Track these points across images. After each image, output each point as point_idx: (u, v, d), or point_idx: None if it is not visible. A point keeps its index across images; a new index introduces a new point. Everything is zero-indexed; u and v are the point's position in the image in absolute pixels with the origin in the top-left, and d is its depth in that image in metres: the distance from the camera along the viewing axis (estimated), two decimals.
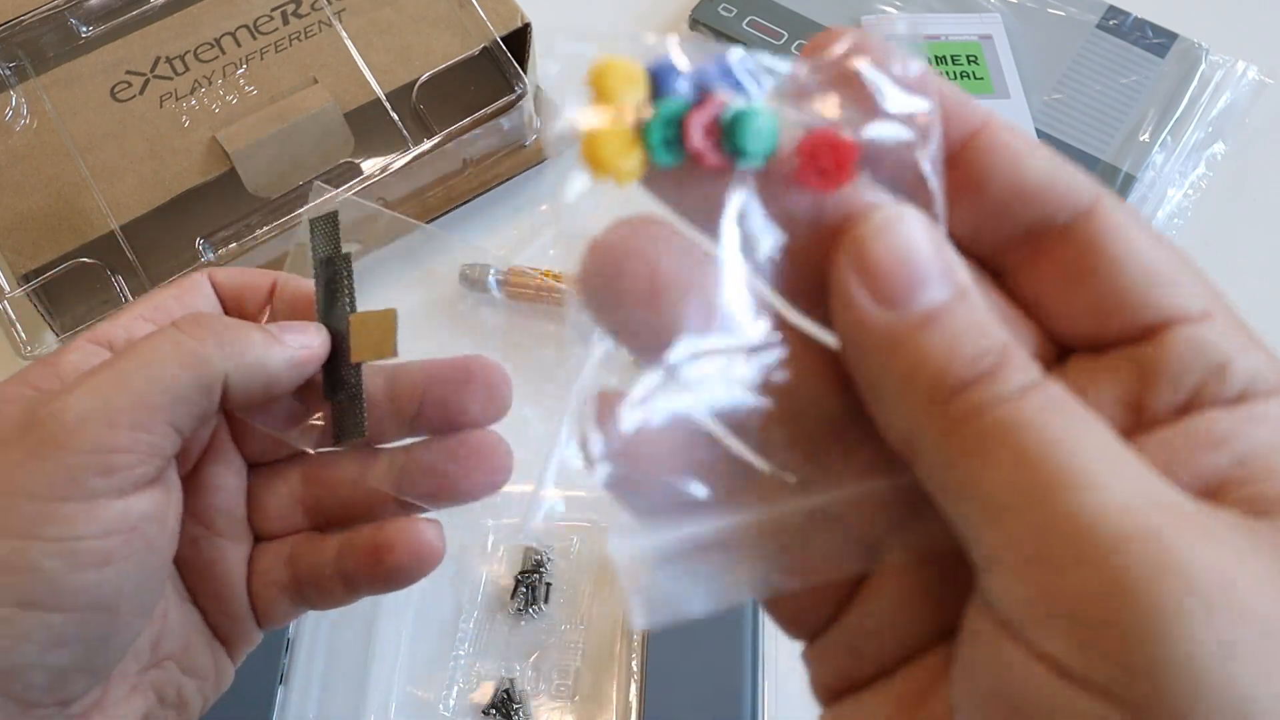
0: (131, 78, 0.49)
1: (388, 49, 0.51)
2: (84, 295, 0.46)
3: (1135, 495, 0.16)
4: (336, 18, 0.51)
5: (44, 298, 0.46)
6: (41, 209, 0.46)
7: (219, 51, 0.50)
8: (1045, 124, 0.54)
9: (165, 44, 0.49)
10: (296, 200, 0.48)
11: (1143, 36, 0.56)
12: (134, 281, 0.46)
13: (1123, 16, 0.57)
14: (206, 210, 0.48)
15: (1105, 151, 0.53)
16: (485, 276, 0.50)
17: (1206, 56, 0.56)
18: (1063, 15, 0.57)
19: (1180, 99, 0.54)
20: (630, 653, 0.42)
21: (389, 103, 0.50)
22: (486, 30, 0.51)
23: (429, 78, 0.50)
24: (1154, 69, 0.55)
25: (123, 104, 0.48)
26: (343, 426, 0.32)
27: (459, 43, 0.51)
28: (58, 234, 0.46)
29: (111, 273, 0.46)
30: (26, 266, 0.46)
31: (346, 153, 0.49)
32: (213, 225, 0.47)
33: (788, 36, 0.56)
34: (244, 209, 0.48)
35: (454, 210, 0.53)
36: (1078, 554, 0.16)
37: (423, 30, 0.51)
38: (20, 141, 0.47)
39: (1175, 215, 0.52)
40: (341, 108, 0.49)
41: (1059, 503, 0.16)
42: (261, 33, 0.50)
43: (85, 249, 0.46)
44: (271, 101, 0.49)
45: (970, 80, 0.55)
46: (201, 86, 0.49)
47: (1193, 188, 0.53)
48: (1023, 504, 0.16)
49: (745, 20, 0.57)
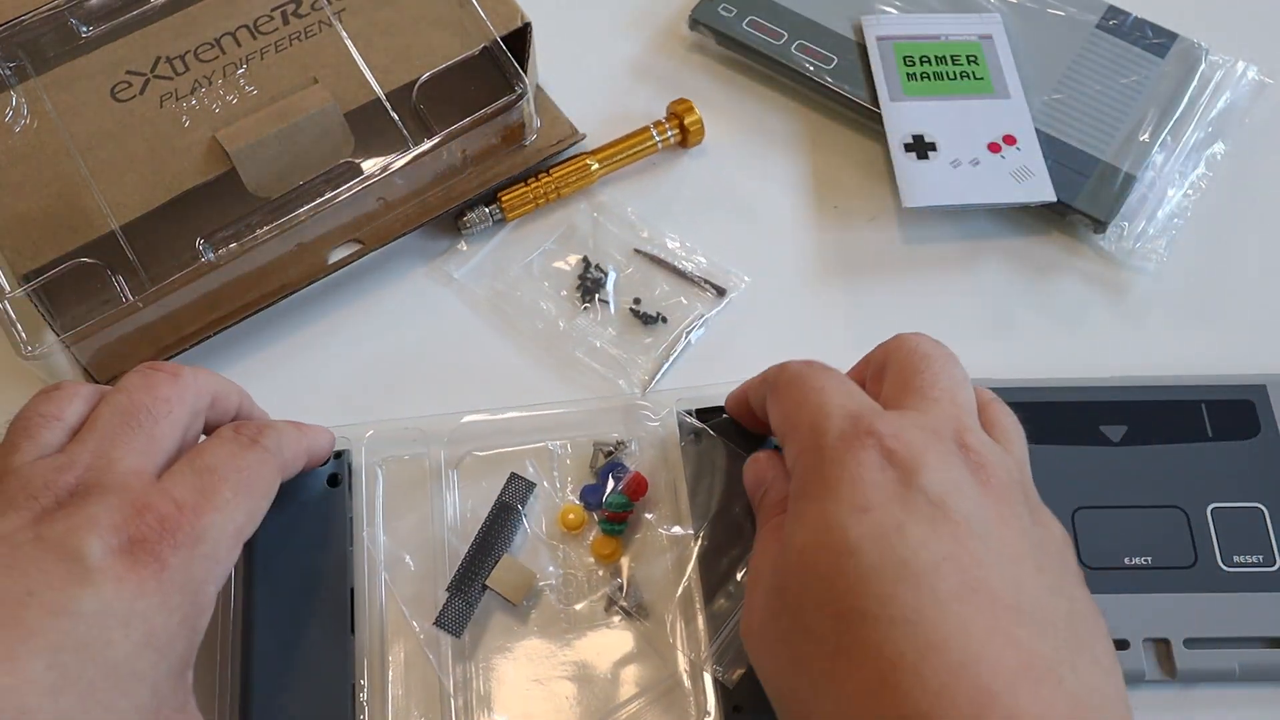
0: (132, 78, 0.49)
1: (388, 49, 0.51)
2: (84, 295, 0.46)
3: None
4: (336, 18, 0.51)
5: (44, 298, 0.46)
6: (41, 209, 0.46)
7: (219, 51, 0.50)
8: (1045, 124, 0.54)
9: (165, 44, 0.49)
10: (296, 200, 0.48)
11: (1143, 36, 0.56)
12: (134, 281, 0.46)
13: (1123, 16, 0.57)
14: (207, 210, 0.48)
15: (1105, 151, 0.53)
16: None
17: (1206, 56, 0.56)
18: (1063, 15, 0.57)
19: (1180, 99, 0.54)
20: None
21: (389, 103, 0.50)
22: (486, 30, 0.51)
23: (429, 78, 0.51)
24: (1154, 69, 0.55)
25: (123, 104, 0.48)
26: (447, 620, 0.41)
27: (459, 43, 0.51)
28: (58, 234, 0.46)
29: (111, 273, 0.46)
30: (26, 266, 0.46)
31: (346, 153, 0.49)
32: (213, 225, 0.47)
33: (788, 36, 0.56)
34: (244, 209, 0.48)
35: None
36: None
37: (423, 30, 0.51)
38: (20, 141, 0.47)
39: (1175, 215, 0.52)
40: (341, 108, 0.49)
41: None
42: (261, 33, 0.50)
43: (85, 249, 0.46)
44: (271, 101, 0.49)
45: (970, 80, 0.55)
46: (202, 86, 0.49)
47: (1193, 188, 0.53)
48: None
49: (745, 20, 0.57)
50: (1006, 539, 0.31)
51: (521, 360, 0.50)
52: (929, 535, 0.31)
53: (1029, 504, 0.34)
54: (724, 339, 0.50)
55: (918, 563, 0.30)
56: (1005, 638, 0.29)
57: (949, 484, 0.32)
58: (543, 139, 0.54)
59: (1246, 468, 0.44)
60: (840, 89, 0.55)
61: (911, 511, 0.31)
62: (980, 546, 0.31)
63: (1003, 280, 0.52)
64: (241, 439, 0.37)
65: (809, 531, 0.32)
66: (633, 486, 0.44)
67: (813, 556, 0.32)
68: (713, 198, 0.55)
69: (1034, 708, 0.28)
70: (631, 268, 0.52)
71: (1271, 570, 0.42)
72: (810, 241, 0.53)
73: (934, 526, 0.31)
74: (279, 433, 0.38)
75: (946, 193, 0.51)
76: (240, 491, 0.35)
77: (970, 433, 0.34)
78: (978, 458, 0.33)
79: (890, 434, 0.33)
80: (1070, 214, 0.52)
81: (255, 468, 0.36)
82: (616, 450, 0.45)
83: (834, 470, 0.33)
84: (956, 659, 0.28)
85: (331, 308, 0.51)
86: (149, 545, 0.31)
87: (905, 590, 0.30)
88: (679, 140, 0.55)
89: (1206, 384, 0.47)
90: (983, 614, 0.29)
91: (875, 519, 0.31)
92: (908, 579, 0.30)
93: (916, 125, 0.53)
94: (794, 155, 0.56)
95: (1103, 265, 0.52)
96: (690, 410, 0.45)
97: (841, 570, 0.31)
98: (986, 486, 0.32)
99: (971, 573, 0.30)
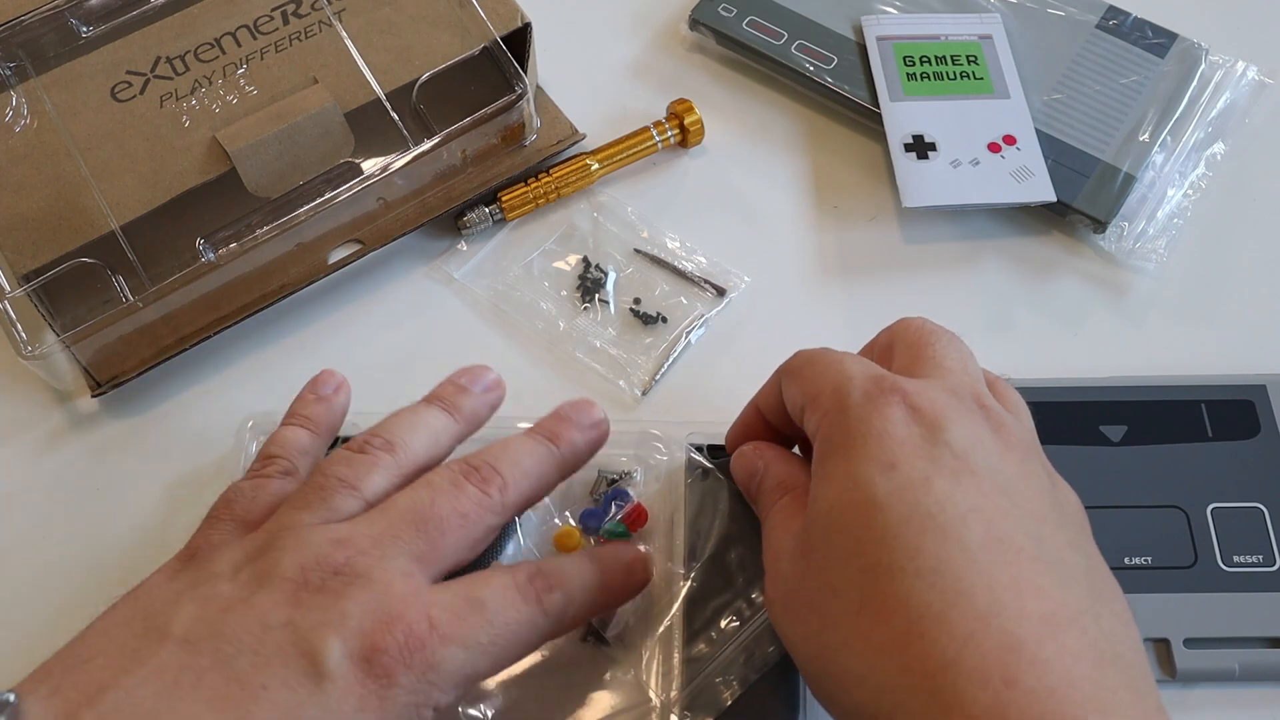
0: (132, 78, 0.49)
1: (388, 49, 0.51)
2: (84, 295, 0.46)
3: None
4: (336, 18, 0.51)
5: (44, 298, 0.46)
6: (41, 209, 0.46)
7: (219, 51, 0.50)
8: (1045, 124, 0.54)
9: (165, 44, 0.49)
10: (296, 200, 0.48)
11: (1143, 36, 0.56)
12: (134, 281, 0.46)
13: (1123, 16, 0.57)
14: (207, 210, 0.48)
15: (1105, 151, 0.53)
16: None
17: (1206, 56, 0.56)
18: (1062, 15, 0.57)
19: (1180, 99, 0.54)
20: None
21: (389, 103, 0.50)
22: (486, 30, 0.51)
23: (429, 78, 0.51)
24: (1154, 69, 0.55)
25: (123, 104, 0.48)
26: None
27: (459, 43, 0.51)
28: (58, 234, 0.46)
29: (112, 273, 0.46)
30: (27, 266, 0.46)
31: (346, 153, 0.49)
32: (213, 225, 0.47)
33: (788, 36, 0.56)
34: (244, 209, 0.48)
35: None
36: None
37: (423, 30, 0.51)
38: (20, 141, 0.47)
39: (1175, 215, 0.52)
40: (341, 108, 0.49)
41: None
42: (261, 33, 0.50)
43: (85, 249, 0.46)
44: (272, 101, 0.49)
45: (970, 80, 0.55)
46: (202, 86, 0.49)
47: (1192, 188, 0.53)
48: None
49: (745, 20, 0.57)
50: (1028, 494, 0.32)
51: (522, 360, 0.50)
52: (955, 488, 0.31)
53: (1045, 468, 0.35)
54: (724, 339, 0.50)
55: (944, 515, 0.30)
56: (1031, 587, 0.29)
57: (973, 439, 0.32)
58: (543, 139, 0.54)
59: (1246, 468, 0.44)
60: (840, 89, 0.55)
61: (938, 466, 0.31)
62: (1004, 500, 0.31)
63: (1003, 280, 0.52)
64: (529, 591, 0.34)
65: (836, 490, 0.32)
66: (633, 516, 0.43)
67: (840, 515, 0.32)
68: (713, 198, 0.55)
69: (1060, 655, 0.28)
70: (631, 268, 0.52)
71: (1271, 570, 0.42)
72: (810, 241, 0.53)
73: (959, 480, 0.31)
74: (570, 598, 0.35)
75: (946, 193, 0.51)
76: (498, 643, 0.33)
77: (986, 397, 0.35)
78: (998, 418, 0.34)
79: (914, 391, 0.33)
80: (1070, 214, 0.52)
81: (524, 626, 0.34)
82: (621, 480, 0.44)
83: (860, 427, 0.33)
84: (983, 607, 0.29)
85: (331, 308, 0.51)
86: (386, 659, 0.31)
87: (932, 542, 0.30)
88: (679, 140, 0.55)
89: (1206, 384, 0.47)
90: (1008, 564, 0.30)
91: (902, 474, 0.31)
92: (934, 531, 0.30)
93: (916, 125, 0.53)
94: (794, 155, 0.56)
95: (1103, 265, 0.52)
96: (700, 446, 0.44)
97: (869, 524, 0.31)
98: (1008, 445, 0.33)
99: (997, 524, 0.30)
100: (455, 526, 0.34)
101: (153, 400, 0.49)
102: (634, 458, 0.45)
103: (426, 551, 0.33)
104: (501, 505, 0.36)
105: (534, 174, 0.53)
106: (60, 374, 0.48)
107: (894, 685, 0.29)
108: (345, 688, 0.30)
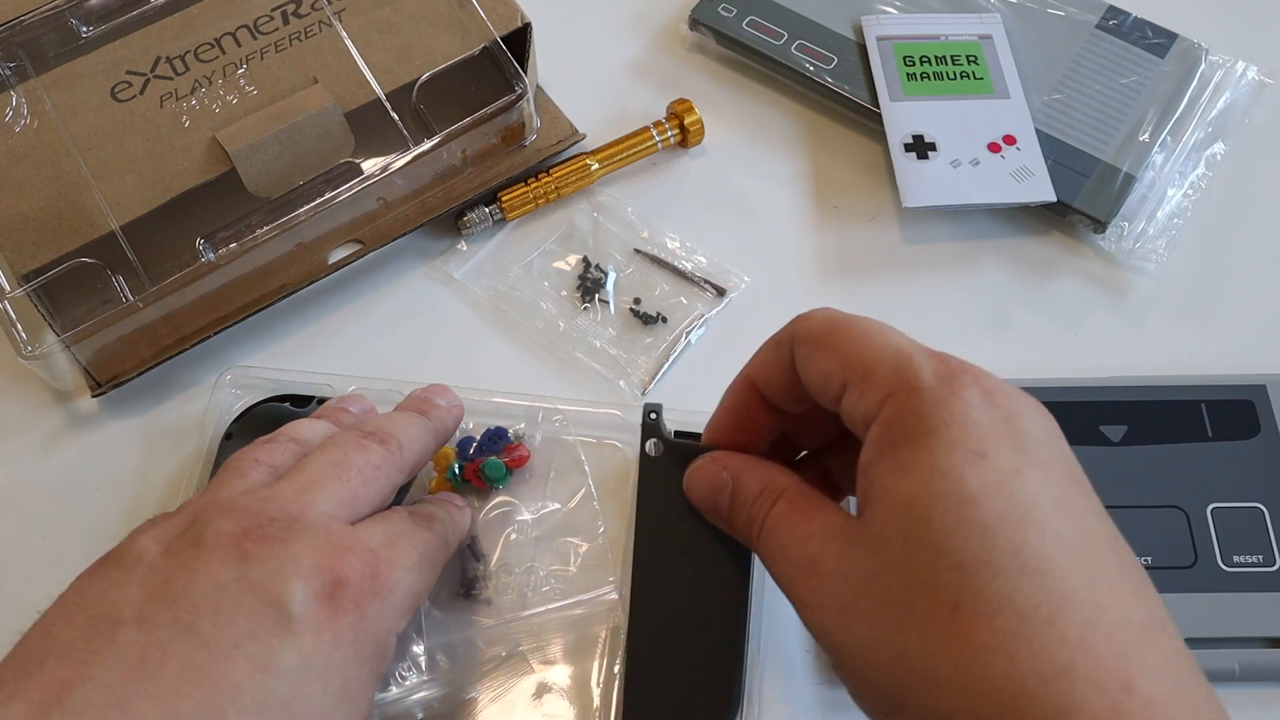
0: (132, 78, 0.49)
1: (388, 49, 0.51)
2: (84, 295, 0.46)
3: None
4: (336, 18, 0.51)
5: (44, 298, 0.46)
6: (41, 209, 0.46)
7: (219, 51, 0.50)
8: (1045, 124, 0.54)
9: (165, 44, 0.49)
10: (296, 200, 0.48)
11: (1143, 36, 0.56)
12: (134, 281, 0.46)
13: (1123, 16, 0.57)
14: (206, 210, 0.48)
15: (1105, 151, 0.53)
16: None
17: (1206, 56, 0.56)
18: (1062, 15, 0.57)
19: (1180, 99, 0.54)
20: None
21: (389, 103, 0.50)
22: (486, 30, 0.51)
23: (429, 78, 0.51)
24: (1154, 69, 0.55)
25: (123, 104, 0.48)
26: None
27: (459, 43, 0.51)
28: (58, 234, 0.46)
29: (111, 273, 0.46)
30: (27, 266, 0.46)
31: (346, 153, 0.49)
32: (213, 225, 0.47)
33: (788, 36, 0.56)
34: (244, 209, 0.48)
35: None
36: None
37: (423, 30, 0.51)
38: (20, 141, 0.47)
39: (1175, 215, 0.52)
40: (341, 108, 0.49)
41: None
42: (261, 33, 0.50)
43: (85, 249, 0.46)
44: (272, 101, 0.49)
45: (970, 80, 0.55)
46: (202, 86, 0.49)
47: (1192, 188, 0.53)
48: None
49: (745, 20, 0.57)
50: (1091, 490, 0.31)
51: (522, 360, 0.50)
52: (1045, 481, 0.29)
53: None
54: (724, 339, 0.50)
55: (1040, 510, 0.29)
56: (1126, 590, 0.28)
57: (1044, 428, 0.31)
58: (543, 139, 0.54)
59: (1246, 468, 0.44)
60: (840, 89, 0.55)
61: (1025, 455, 0.30)
62: (1081, 495, 0.30)
63: (1003, 280, 0.52)
64: (418, 519, 0.37)
65: (916, 480, 0.30)
66: (514, 457, 0.45)
67: (924, 507, 0.29)
68: (712, 198, 0.55)
69: (1165, 663, 0.27)
70: (631, 268, 0.52)
71: (1271, 570, 0.42)
72: (810, 241, 0.53)
73: (1045, 471, 0.30)
74: (449, 519, 0.40)
75: (946, 193, 0.51)
76: (424, 561, 0.36)
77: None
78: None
79: (982, 373, 0.31)
80: (1070, 214, 0.52)
81: (433, 548, 0.37)
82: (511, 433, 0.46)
83: (940, 412, 0.30)
84: (1089, 610, 0.27)
85: (331, 308, 0.51)
86: (350, 591, 0.32)
87: (1033, 538, 0.28)
88: (679, 140, 0.55)
89: (1206, 384, 0.47)
90: (1103, 564, 0.29)
91: (994, 464, 0.29)
92: (1034, 526, 0.28)
93: (916, 125, 0.53)
94: (794, 155, 0.56)
95: (1102, 265, 0.52)
96: (657, 409, 0.41)
97: (963, 519, 0.29)
98: (1062, 436, 0.32)
99: (1085, 521, 0.29)
100: (371, 478, 0.36)
101: (153, 400, 0.49)
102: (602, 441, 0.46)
103: (348, 498, 0.35)
104: (401, 462, 0.38)
105: (534, 174, 0.53)
106: (60, 374, 0.48)
107: (997, 690, 0.27)
108: (317, 629, 0.31)
